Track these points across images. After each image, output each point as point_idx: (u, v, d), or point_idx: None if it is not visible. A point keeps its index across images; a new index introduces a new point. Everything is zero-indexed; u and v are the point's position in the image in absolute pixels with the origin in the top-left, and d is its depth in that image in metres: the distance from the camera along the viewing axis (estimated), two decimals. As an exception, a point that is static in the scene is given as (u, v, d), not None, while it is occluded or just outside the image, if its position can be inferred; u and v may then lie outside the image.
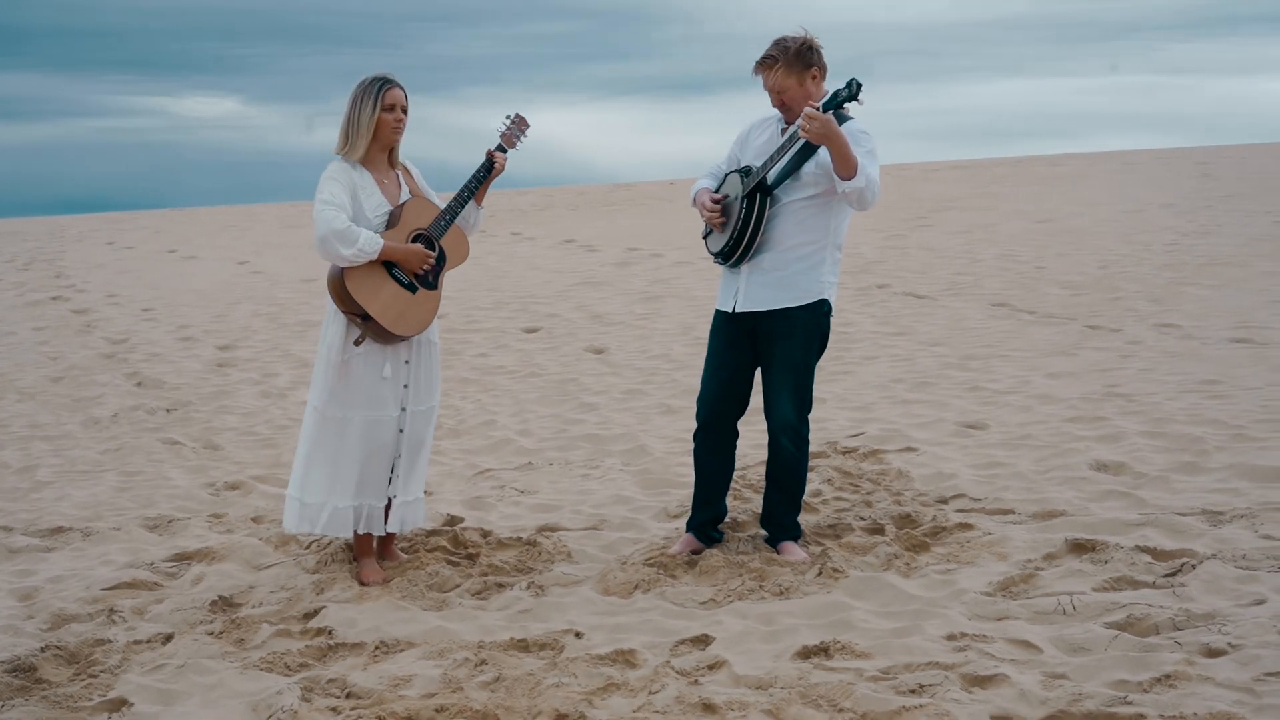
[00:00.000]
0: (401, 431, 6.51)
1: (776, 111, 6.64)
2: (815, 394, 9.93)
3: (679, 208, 29.92)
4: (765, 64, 6.42)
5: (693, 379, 11.19)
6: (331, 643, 5.70)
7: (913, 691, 4.88)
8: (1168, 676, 4.85)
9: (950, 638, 5.40)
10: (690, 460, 8.48)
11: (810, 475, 7.64)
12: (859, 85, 6.23)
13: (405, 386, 6.49)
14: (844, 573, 6.22)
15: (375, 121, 6.28)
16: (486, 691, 5.07)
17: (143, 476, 8.91)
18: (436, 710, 4.87)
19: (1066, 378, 10.36)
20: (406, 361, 6.49)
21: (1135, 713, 4.57)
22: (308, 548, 7.00)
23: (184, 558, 7.00)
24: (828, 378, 10.83)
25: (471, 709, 4.85)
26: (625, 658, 5.38)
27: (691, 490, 7.74)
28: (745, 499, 7.49)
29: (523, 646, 5.58)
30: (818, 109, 6.17)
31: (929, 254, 18.43)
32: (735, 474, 7.33)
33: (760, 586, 6.12)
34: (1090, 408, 9.27)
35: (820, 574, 6.21)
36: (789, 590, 6.07)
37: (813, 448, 8.14)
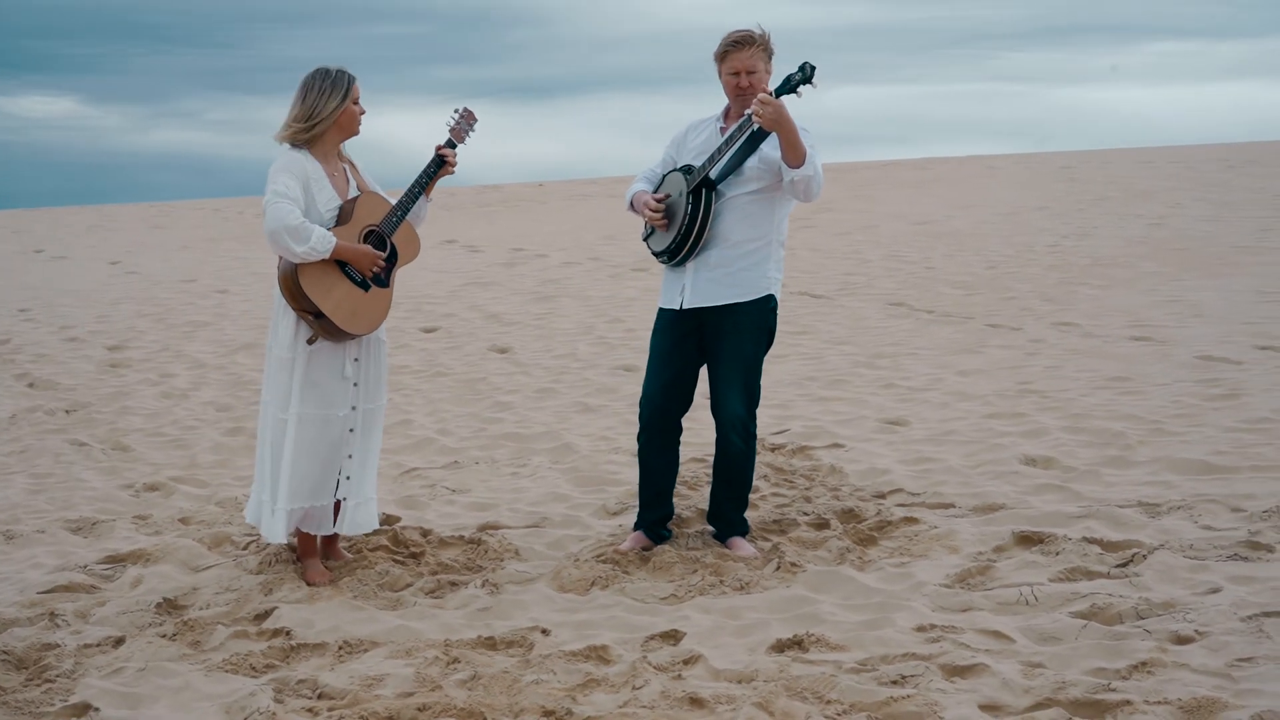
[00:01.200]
0: (352, 431, 6.40)
1: (713, 112, 6.65)
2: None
3: (554, 209, 29.90)
4: (743, 43, 6.37)
5: (604, 378, 11.18)
6: (292, 644, 5.58)
7: (895, 683, 4.90)
8: (1144, 664, 4.92)
9: (920, 629, 5.44)
10: (618, 457, 8.50)
11: (745, 472, 7.66)
12: (813, 68, 6.25)
13: (355, 385, 6.38)
14: (801, 567, 6.23)
15: (343, 113, 6.17)
16: (465, 690, 5.00)
17: (54, 479, 8.66)
18: (419, 709, 4.79)
19: (977, 375, 10.50)
20: (356, 359, 6.37)
21: (1121, 699, 4.62)
22: (245, 548, 6.86)
23: (117, 560, 6.81)
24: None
25: (455, 707, 4.78)
26: (598, 654, 5.33)
27: (627, 487, 7.76)
28: (683, 496, 7.45)
29: (491, 644, 5.51)
30: (770, 94, 6.18)
31: (816, 255, 18.59)
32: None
33: (721, 581, 6.11)
34: (1007, 404, 9.40)
35: (778, 568, 6.22)
36: (749, 585, 6.07)
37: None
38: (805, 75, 6.26)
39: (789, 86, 6.28)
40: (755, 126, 6.32)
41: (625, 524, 7.08)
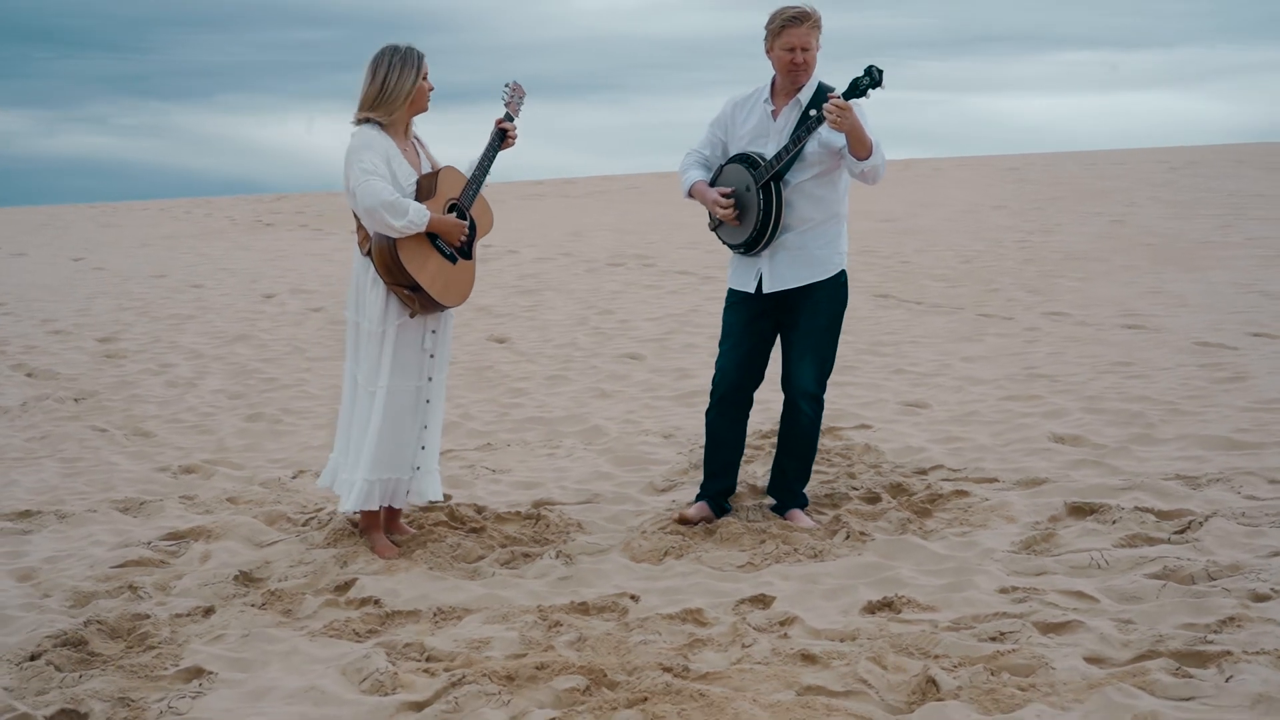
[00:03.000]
0: (428, 401, 6.52)
1: (758, 90, 6.73)
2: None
3: (510, 208, 29.93)
4: (800, 19, 6.46)
5: (611, 365, 11.30)
6: (385, 611, 5.66)
7: (994, 639, 5.05)
8: (1232, 619, 5.09)
9: (1003, 591, 5.60)
10: (650, 439, 8.63)
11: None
12: (880, 72, 6.36)
13: (431, 356, 6.49)
14: (869, 536, 6.38)
15: (416, 90, 6.26)
16: (574, 651, 5.10)
17: (85, 462, 8.67)
18: (537, 668, 4.88)
19: (982, 361, 10.70)
20: (434, 331, 6.49)
21: (1221, 650, 4.79)
22: (305, 525, 6.93)
23: (178, 537, 6.85)
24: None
25: (574, 665, 4.88)
26: (694, 617, 5.45)
27: (668, 466, 7.93)
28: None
29: (584, 610, 5.62)
30: (841, 99, 6.28)
31: (789, 250, 18.78)
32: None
33: (795, 550, 6.25)
34: (1020, 387, 9.61)
35: (848, 538, 6.37)
36: (822, 553, 6.21)
37: (766, 428, 8.30)
38: (874, 79, 6.35)
39: (858, 91, 6.36)
40: (821, 127, 6.42)
41: (678, 499, 7.21)
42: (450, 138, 6.43)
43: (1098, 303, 13.18)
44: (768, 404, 7.94)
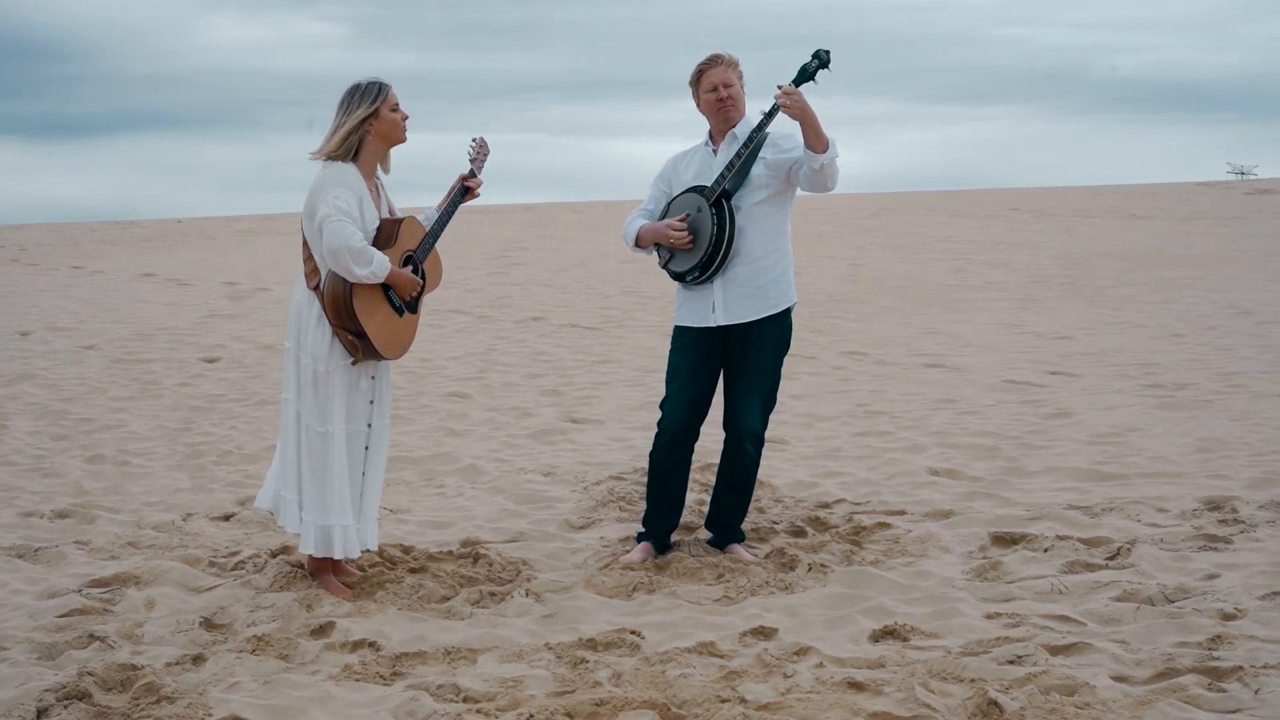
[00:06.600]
0: (367, 448, 6.45)
1: (697, 142, 6.92)
2: (588, 414, 10.24)
3: (227, 244, 29.23)
4: (713, 60, 6.76)
5: (444, 404, 11.26)
6: (390, 654, 5.56)
7: (1013, 662, 5.28)
8: (1219, 637, 5.45)
9: (991, 617, 5.85)
10: (535, 477, 8.64)
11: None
12: (827, 53, 6.62)
13: (370, 402, 6.43)
14: (829, 568, 6.56)
15: (380, 121, 6.21)
16: (617, 687, 5.12)
17: (-63, 509, 8.17)
18: (597, 705, 4.89)
19: (810, 399, 11.05)
20: (372, 377, 6.43)
21: (1232, 665, 5.13)
22: (234, 568, 6.73)
23: (103, 584, 6.54)
24: (586, 401, 11.12)
25: (635, 700, 4.91)
26: (710, 649, 5.53)
27: (570, 504, 7.97)
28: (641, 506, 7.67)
29: (593, 646, 5.63)
30: (791, 85, 6.51)
31: (548, 289, 18.93)
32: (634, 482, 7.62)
33: (766, 583, 6.38)
34: (865, 424, 9.97)
35: (810, 570, 6.53)
36: (791, 586, 6.36)
37: (640, 465, 8.43)
38: (822, 61, 6.59)
39: (806, 75, 6.59)
40: (765, 133, 6.64)
41: (606, 536, 7.26)
42: (68, 170, 6.28)
43: (885, 343, 13.75)
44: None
